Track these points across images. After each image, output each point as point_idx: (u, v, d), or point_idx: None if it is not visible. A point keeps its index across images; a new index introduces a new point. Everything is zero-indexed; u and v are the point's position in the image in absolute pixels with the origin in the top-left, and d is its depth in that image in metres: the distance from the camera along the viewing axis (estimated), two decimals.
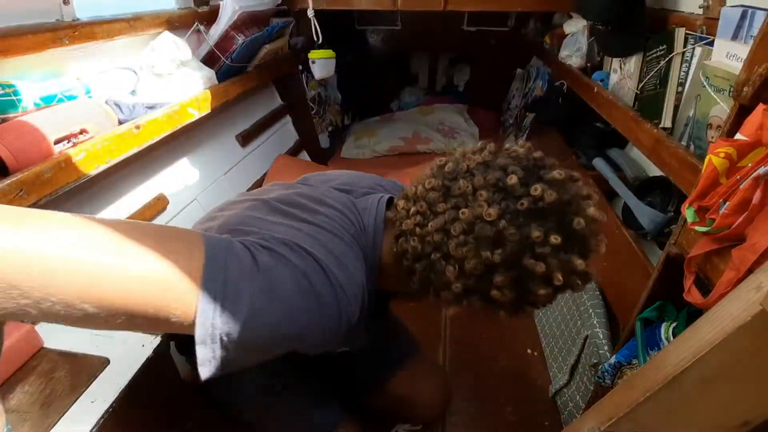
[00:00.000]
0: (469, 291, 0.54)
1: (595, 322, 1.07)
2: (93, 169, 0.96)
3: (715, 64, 0.80)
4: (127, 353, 0.81)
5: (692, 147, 0.89)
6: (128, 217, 1.15)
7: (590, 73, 1.62)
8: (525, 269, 0.50)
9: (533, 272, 0.50)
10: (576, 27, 1.76)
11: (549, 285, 0.51)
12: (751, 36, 0.73)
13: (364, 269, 0.60)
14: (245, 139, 1.80)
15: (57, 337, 0.85)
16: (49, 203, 0.89)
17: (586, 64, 1.66)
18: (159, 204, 1.29)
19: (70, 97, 1.01)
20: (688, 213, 0.59)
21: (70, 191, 0.94)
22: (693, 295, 0.60)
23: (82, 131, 0.97)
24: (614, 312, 1.07)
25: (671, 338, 0.74)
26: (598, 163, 1.32)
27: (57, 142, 0.91)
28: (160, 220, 1.29)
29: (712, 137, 0.82)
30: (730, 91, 0.76)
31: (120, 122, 1.10)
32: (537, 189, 0.50)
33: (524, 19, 2.50)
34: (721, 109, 0.78)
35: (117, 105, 1.12)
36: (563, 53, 1.78)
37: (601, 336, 1.03)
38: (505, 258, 0.50)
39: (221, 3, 1.43)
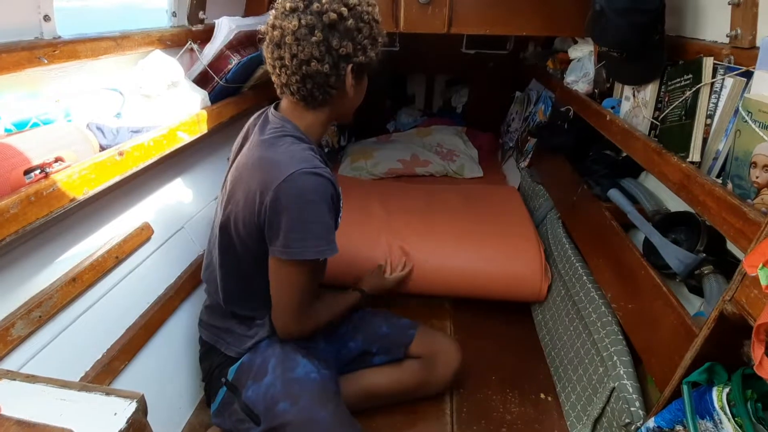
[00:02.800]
0: (335, 63, 0.85)
1: (621, 372, 0.98)
2: (68, 202, 0.85)
3: (758, 98, 0.74)
4: (95, 423, 0.69)
5: (730, 185, 0.82)
6: (107, 252, 1.04)
7: (598, 99, 1.58)
8: (338, 25, 0.83)
9: (343, 22, 0.83)
10: (582, 52, 1.73)
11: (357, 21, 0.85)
12: None
13: (304, 144, 0.91)
14: None
15: (18, 403, 0.73)
16: (14, 240, 0.79)
17: (594, 90, 1.62)
18: (143, 234, 1.18)
19: (47, 122, 0.91)
20: (762, 275, 0.51)
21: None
22: (767, 370, 0.52)
23: (58, 159, 0.86)
24: (643, 360, 0.98)
25: (725, 405, 0.66)
26: (615, 194, 1.25)
27: (27, 172, 0.81)
28: (143, 252, 1.18)
29: (757, 176, 0.75)
30: None
31: (102, 148, 1.01)
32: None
33: (523, 43, 2.48)
34: None
35: (99, 129, 1.02)
36: (569, 78, 1.73)
37: (631, 390, 0.94)
38: (325, 31, 0.82)
39: (216, 22, 1.35)
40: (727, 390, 0.68)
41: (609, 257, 1.20)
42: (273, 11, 0.87)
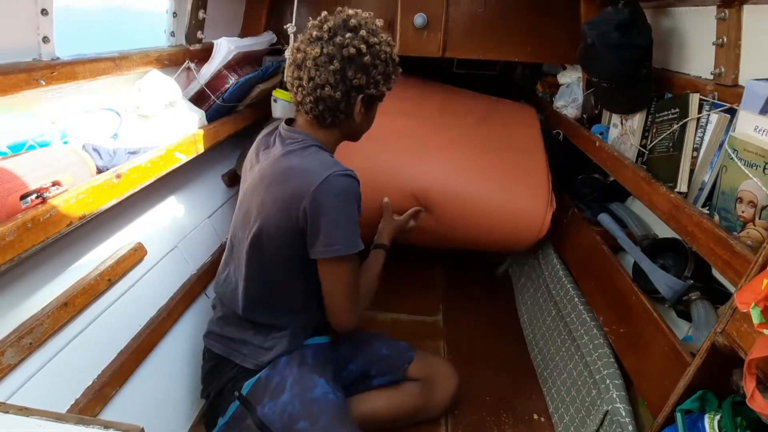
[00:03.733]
0: (347, 91, 0.93)
1: (614, 396, 1.00)
2: (65, 227, 0.84)
3: (743, 137, 0.78)
4: None
5: (717, 217, 0.86)
6: (100, 274, 1.02)
7: (587, 123, 1.63)
8: (356, 59, 0.91)
9: (361, 57, 0.91)
10: (570, 78, 1.79)
11: (374, 58, 0.93)
12: None
13: (328, 152, 1.02)
14: (232, 179, 1.69)
15: None
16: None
17: (582, 115, 1.68)
18: (136, 255, 1.16)
19: (43, 144, 0.90)
20: (754, 314, 0.54)
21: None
22: (758, 403, 0.54)
23: (55, 183, 0.85)
24: (635, 384, 1.00)
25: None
26: (605, 219, 1.29)
27: (24, 197, 0.79)
28: (136, 273, 1.16)
29: (743, 211, 0.79)
30: (765, 168, 0.73)
31: (98, 169, 0.99)
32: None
33: (512, 65, 2.55)
34: (753, 183, 0.76)
35: (96, 150, 1.01)
36: (558, 103, 1.79)
37: (624, 414, 0.96)
38: (343, 63, 0.91)
39: (215, 42, 1.36)
40: (718, 417, 0.70)
41: (600, 281, 1.23)
42: (301, 36, 0.97)
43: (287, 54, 1.28)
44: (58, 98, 1.00)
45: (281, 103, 1.63)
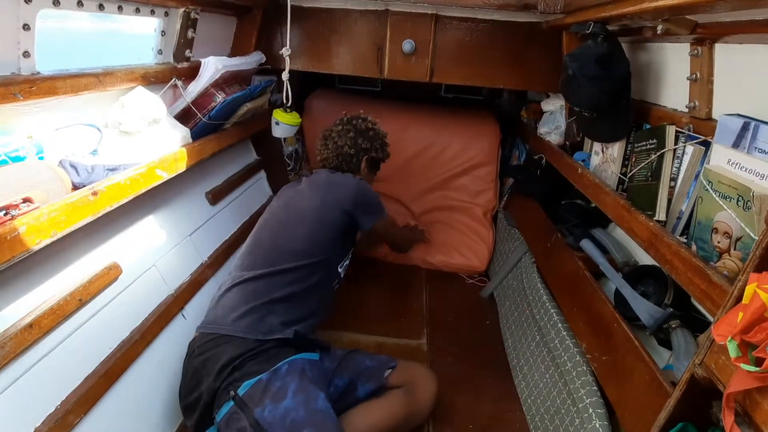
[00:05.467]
0: (357, 151, 1.53)
1: (597, 426, 0.99)
2: (33, 245, 0.81)
3: (717, 170, 0.81)
4: None
5: (694, 247, 0.88)
6: (70, 294, 0.98)
7: (569, 150, 1.67)
8: (365, 133, 1.55)
9: (368, 132, 1.56)
10: (554, 106, 1.83)
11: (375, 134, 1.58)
12: (756, 148, 0.74)
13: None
14: (215, 196, 1.67)
15: None
16: None
17: (565, 142, 1.71)
18: (110, 274, 1.12)
19: (17, 159, 0.88)
20: (731, 347, 0.54)
21: None
22: None
23: (26, 200, 0.82)
24: (617, 415, 0.99)
25: None
26: (587, 246, 1.30)
27: None
28: (109, 293, 1.11)
29: (719, 242, 0.80)
30: (738, 200, 0.75)
31: (75, 186, 0.97)
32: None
33: (498, 91, 2.61)
34: (728, 215, 0.77)
35: (73, 166, 0.99)
36: (542, 129, 1.83)
37: None
38: (356, 134, 1.54)
39: (203, 61, 1.36)
40: None
41: (582, 307, 1.23)
42: (333, 125, 1.59)
43: (284, 76, 1.57)
44: (36, 113, 0.98)
45: (282, 126, 1.68)
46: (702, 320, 1.00)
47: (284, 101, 1.62)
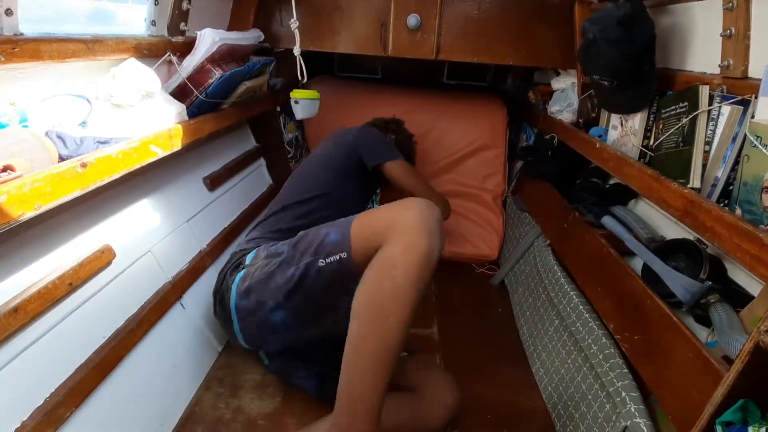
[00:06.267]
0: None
1: (633, 410, 0.92)
2: (15, 218, 0.72)
3: (765, 122, 0.74)
4: None
5: (738, 211, 0.81)
6: (59, 277, 0.90)
7: (583, 127, 1.60)
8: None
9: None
10: (565, 83, 1.77)
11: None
12: None
13: None
14: (214, 182, 1.59)
15: None
16: None
17: (578, 119, 1.65)
18: (103, 258, 1.04)
19: None
20: None
21: None
22: None
23: (6, 168, 0.74)
24: (657, 397, 0.92)
25: None
26: (609, 222, 1.23)
27: None
28: (103, 278, 1.03)
29: None
30: None
31: (62, 158, 0.89)
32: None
33: (502, 75, 2.55)
34: None
35: (60, 138, 0.90)
36: (553, 108, 1.76)
37: (646, 430, 0.87)
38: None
39: (198, 33, 1.28)
40: (763, 429, 0.62)
41: (608, 286, 1.16)
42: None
43: (295, 51, 1.45)
44: (20, 79, 0.90)
45: (303, 104, 1.53)
46: (741, 293, 0.93)
47: (300, 78, 1.51)
